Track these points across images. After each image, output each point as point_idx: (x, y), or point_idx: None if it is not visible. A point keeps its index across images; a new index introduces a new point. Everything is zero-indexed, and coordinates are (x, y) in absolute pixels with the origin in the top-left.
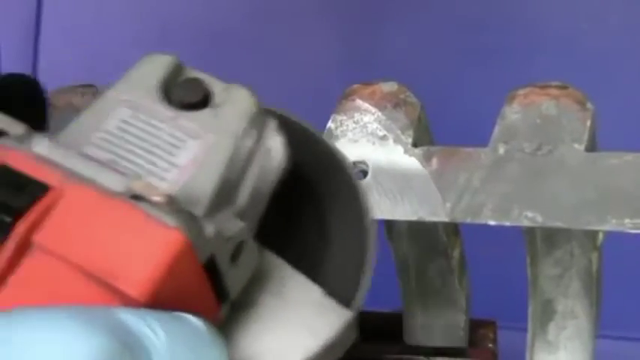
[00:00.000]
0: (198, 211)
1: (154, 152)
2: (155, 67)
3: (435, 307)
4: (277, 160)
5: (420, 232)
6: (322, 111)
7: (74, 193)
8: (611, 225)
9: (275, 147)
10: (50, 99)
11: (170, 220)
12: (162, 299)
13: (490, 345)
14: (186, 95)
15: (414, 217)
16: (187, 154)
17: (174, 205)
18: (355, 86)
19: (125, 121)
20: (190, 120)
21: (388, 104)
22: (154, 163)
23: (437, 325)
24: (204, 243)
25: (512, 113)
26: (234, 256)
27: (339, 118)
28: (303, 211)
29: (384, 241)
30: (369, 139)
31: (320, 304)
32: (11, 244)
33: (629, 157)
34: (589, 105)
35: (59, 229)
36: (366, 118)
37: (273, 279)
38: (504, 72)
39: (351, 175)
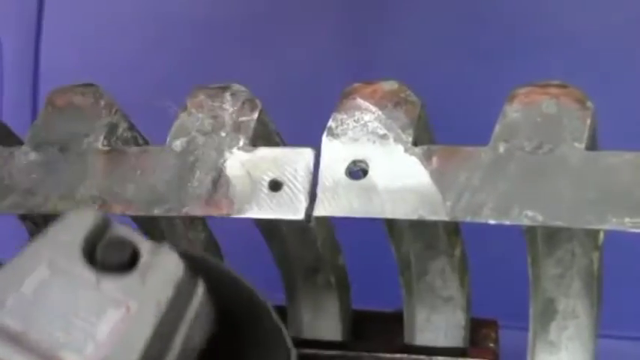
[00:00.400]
0: None
1: (72, 322)
2: (79, 224)
3: (436, 307)
4: (205, 327)
5: (420, 231)
6: (322, 109)
7: None
8: (612, 224)
9: (203, 312)
10: (50, 99)
11: None
12: None
13: (491, 345)
14: (110, 257)
15: (414, 216)
16: (107, 325)
17: None
18: (356, 85)
19: (43, 284)
20: (113, 285)
21: (389, 103)
22: (70, 335)
23: (438, 325)
24: None
25: (513, 112)
26: None
27: (339, 116)
28: None
29: (384, 240)
30: (369, 138)
31: None
32: None
33: (630, 156)
34: (589, 104)
35: None
36: (367, 117)
37: None
38: (505, 71)
39: (275, 320)
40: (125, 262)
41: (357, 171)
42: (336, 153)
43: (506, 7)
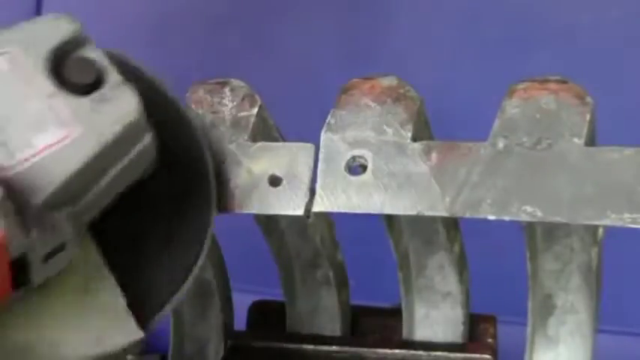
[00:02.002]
0: (34, 199)
1: (14, 123)
2: (54, 30)
3: (434, 302)
4: (140, 172)
5: (419, 226)
6: (321, 106)
7: None
8: (611, 220)
9: (145, 152)
10: None
11: (1, 218)
12: None
13: (490, 340)
14: (73, 74)
15: (413, 212)
16: (46, 139)
17: (5, 203)
18: (354, 81)
19: None
20: (66, 103)
21: (388, 99)
22: (8, 135)
23: (436, 320)
24: (19, 244)
25: (512, 108)
26: (49, 255)
27: (338, 112)
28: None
29: (383, 236)
30: (368, 134)
31: (116, 316)
32: None
33: (629, 151)
34: (588, 99)
35: None
36: (366, 113)
37: (84, 276)
38: (504, 66)
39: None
40: (85, 85)
41: (357, 166)
42: (335, 149)
43: (505, 1)
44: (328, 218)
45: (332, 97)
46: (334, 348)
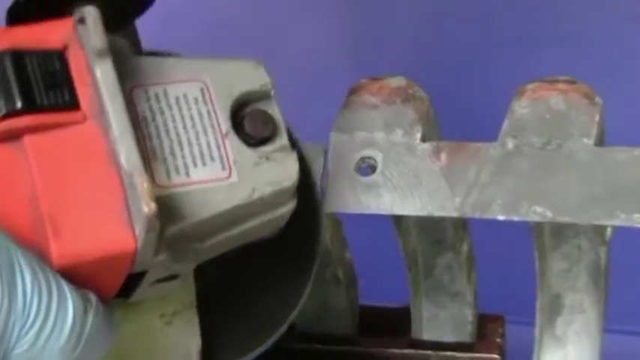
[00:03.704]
0: (174, 226)
1: (183, 146)
2: (250, 76)
3: (442, 302)
4: (269, 233)
5: (428, 226)
6: (330, 106)
7: (89, 131)
8: (621, 220)
9: (282, 217)
10: None
11: (137, 227)
12: (71, 273)
13: (498, 339)
14: (250, 124)
15: (423, 212)
16: (204, 173)
17: (155, 220)
18: (363, 81)
19: (186, 98)
20: (234, 149)
21: (397, 99)
22: (174, 154)
23: (445, 320)
24: (146, 263)
25: (521, 108)
26: (160, 280)
27: (347, 113)
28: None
29: (392, 235)
30: (377, 135)
31: (186, 357)
32: (2, 125)
33: (638, 151)
34: (597, 99)
35: (52, 150)
36: (374, 114)
37: (172, 310)
38: (512, 66)
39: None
40: (257, 139)
41: (366, 167)
42: (344, 149)
43: (513, 1)
44: (336, 217)
45: (341, 98)
46: (342, 348)
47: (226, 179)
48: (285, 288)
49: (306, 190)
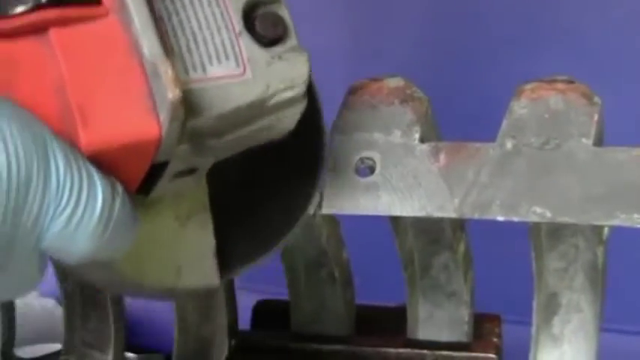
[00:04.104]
0: (194, 120)
1: (199, 44)
2: None
3: (439, 302)
4: (282, 133)
5: (425, 226)
6: (329, 107)
7: (112, 25)
8: (620, 220)
9: (293, 117)
10: None
11: (162, 114)
12: (98, 160)
13: (494, 339)
14: (262, 25)
15: (422, 213)
16: (219, 70)
17: (180, 109)
18: (362, 82)
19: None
20: (247, 47)
21: (395, 100)
22: (190, 52)
23: (441, 320)
24: (170, 152)
25: (520, 108)
26: (180, 173)
27: (345, 113)
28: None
29: (388, 234)
30: (376, 136)
31: (201, 256)
32: (29, 18)
33: (637, 151)
34: (596, 99)
35: (77, 42)
36: (373, 114)
37: (187, 210)
38: (511, 66)
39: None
40: (268, 38)
41: (364, 168)
42: (343, 150)
43: (511, 1)
44: (333, 217)
45: (339, 98)
46: (339, 347)
47: (241, 76)
48: (289, 200)
49: (312, 117)
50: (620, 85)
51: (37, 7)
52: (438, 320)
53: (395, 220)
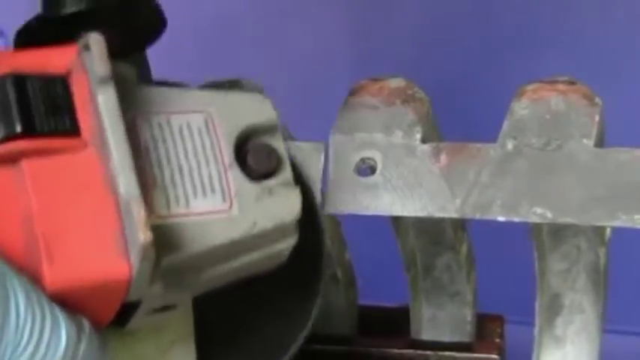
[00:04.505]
0: (171, 257)
1: (184, 176)
2: (256, 110)
3: (442, 302)
4: (269, 267)
5: (427, 227)
6: (330, 107)
7: (88, 159)
8: (621, 221)
9: (282, 252)
10: None
11: (133, 255)
12: (63, 298)
13: (497, 340)
14: (253, 158)
15: (423, 213)
16: (203, 205)
17: (150, 249)
18: (363, 82)
19: (189, 128)
20: (236, 180)
21: (396, 100)
22: (174, 184)
23: (444, 320)
24: (141, 292)
25: (521, 109)
26: (157, 310)
27: (347, 114)
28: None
29: (391, 235)
30: (377, 136)
31: None
32: (2, 148)
33: (638, 152)
34: (597, 100)
35: (49, 174)
36: (374, 114)
37: (169, 340)
38: (512, 67)
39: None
40: (260, 174)
41: (366, 168)
42: (344, 150)
43: (512, 2)
44: (336, 218)
45: (340, 99)
46: (341, 348)
47: (227, 212)
48: (286, 320)
49: (309, 216)
50: (622, 85)
51: (11, 137)
52: (440, 321)
53: (396, 221)
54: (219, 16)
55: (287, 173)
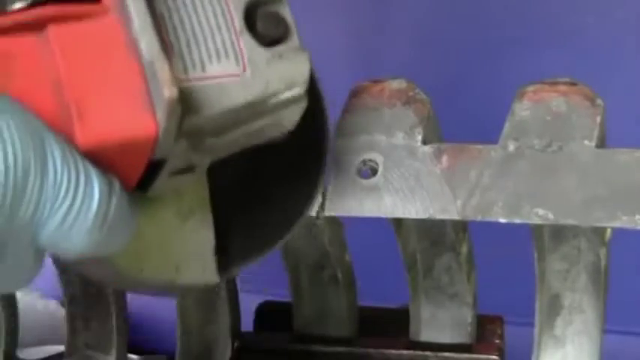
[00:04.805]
0: (192, 117)
1: (199, 42)
2: None
3: (442, 303)
4: (282, 133)
5: (428, 228)
6: (331, 109)
7: (111, 23)
8: (622, 222)
9: (293, 116)
10: None
11: (159, 112)
12: (95, 157)
13: (497, 340)
14: (262, 25)
15: (425, 215)
16: (218, 69)
17: (176, 105)
18: (364, 84)
19: None
20: (248, 46)
21: (397, 102)
22: (190, 50)
23: (444, 321)
24: (167, 149)
25: (522, 110)
26: (178, 171)
27: (348, 116)
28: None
29: (391, 236)
30: (378, 138)
31: (201, 253)
32: (27, 14)
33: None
34: (599, 101)
35: (75, 40)
36: (375, 116)
37: (187, 207)
38: (513, 68)
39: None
40: (269, 38)
41: (367, 170)
42: (345, 152)
43: (512, 2)
44: (336, 219)
45: (341, 101)
46: (341, 349)
47: (241, 75)
48: (293, 196)
49: (315, 117)
50: (623, 86)
51: (36, 4)
52: (440, 322)
53: (397, 222)
54: None
55: (295, 40)
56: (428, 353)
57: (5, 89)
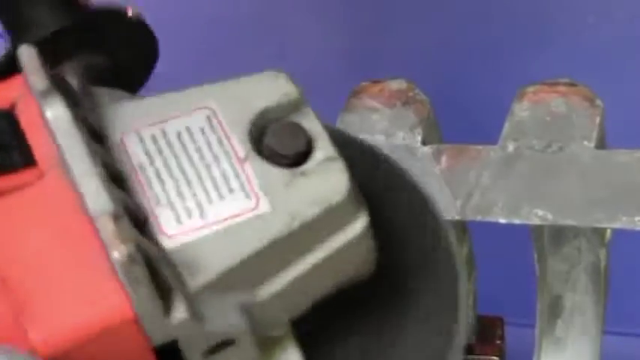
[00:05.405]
0: (195, 279)
1: (192, 185)
2: (269, 92)
3: None
4: (355, 265)
5: None
6: (330, 109)
7: (50, 186)
8: (622, 222)
9: (356, 249)
10: None
11: (129, 286)
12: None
13: (498, 341)
14: (275, 141)
15: None
16: (222, 209)
17: (134, 266)
18: (364, 84)
19: (189, 131)
20: (257, 171)
21: (397, 102)
22: (182, 196)
23: None
24: (161, 326)
25: (522, 111)
26: (213, 350)
27: (347, 116)
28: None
29: None
30: (378, 138)
31: None
32: None
33: (639, 154)
34: (598, 102)
35: (7, 216)
36: (375, 117)
37: None
38: (513, 69)
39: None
40: (289, 155)
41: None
42: None
43: (512, 2)
44: None
45: (341, 101)
46: None
47: (253, 210)
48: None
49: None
50: (622, 87)
51: None
52: None
53: None
54: (219, 16)
55: (324, 151)
56: None
57: None
